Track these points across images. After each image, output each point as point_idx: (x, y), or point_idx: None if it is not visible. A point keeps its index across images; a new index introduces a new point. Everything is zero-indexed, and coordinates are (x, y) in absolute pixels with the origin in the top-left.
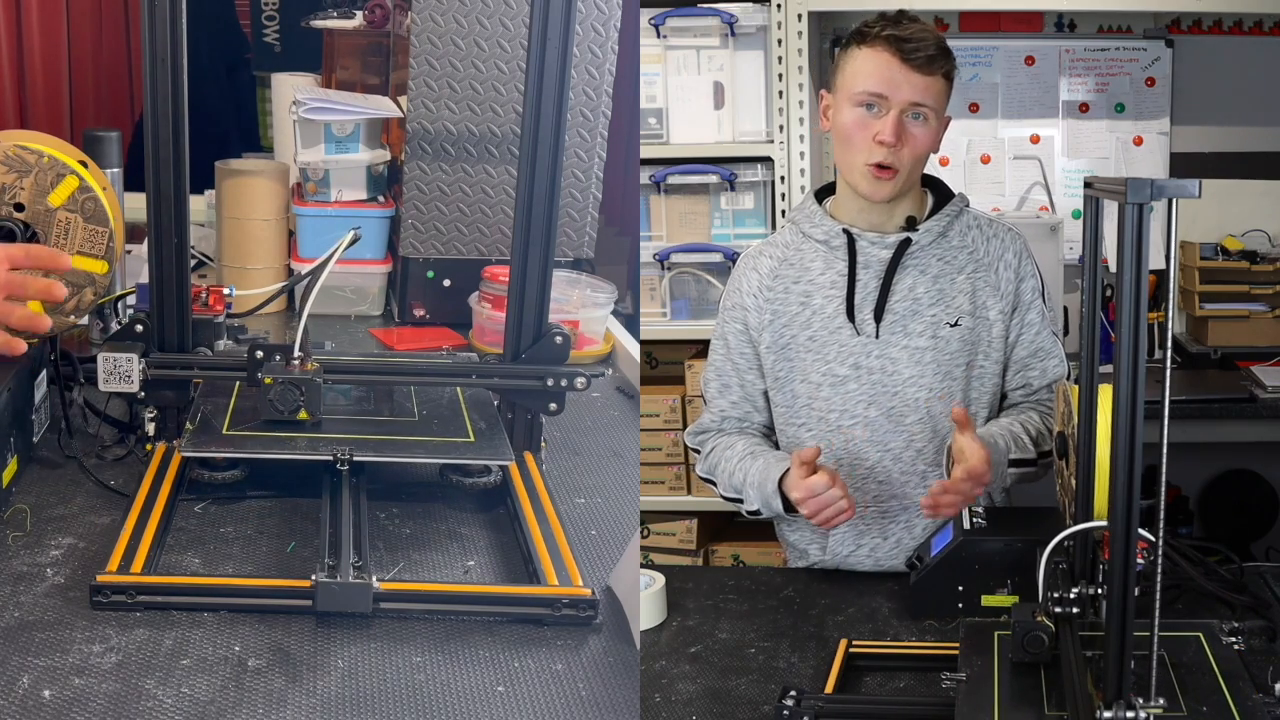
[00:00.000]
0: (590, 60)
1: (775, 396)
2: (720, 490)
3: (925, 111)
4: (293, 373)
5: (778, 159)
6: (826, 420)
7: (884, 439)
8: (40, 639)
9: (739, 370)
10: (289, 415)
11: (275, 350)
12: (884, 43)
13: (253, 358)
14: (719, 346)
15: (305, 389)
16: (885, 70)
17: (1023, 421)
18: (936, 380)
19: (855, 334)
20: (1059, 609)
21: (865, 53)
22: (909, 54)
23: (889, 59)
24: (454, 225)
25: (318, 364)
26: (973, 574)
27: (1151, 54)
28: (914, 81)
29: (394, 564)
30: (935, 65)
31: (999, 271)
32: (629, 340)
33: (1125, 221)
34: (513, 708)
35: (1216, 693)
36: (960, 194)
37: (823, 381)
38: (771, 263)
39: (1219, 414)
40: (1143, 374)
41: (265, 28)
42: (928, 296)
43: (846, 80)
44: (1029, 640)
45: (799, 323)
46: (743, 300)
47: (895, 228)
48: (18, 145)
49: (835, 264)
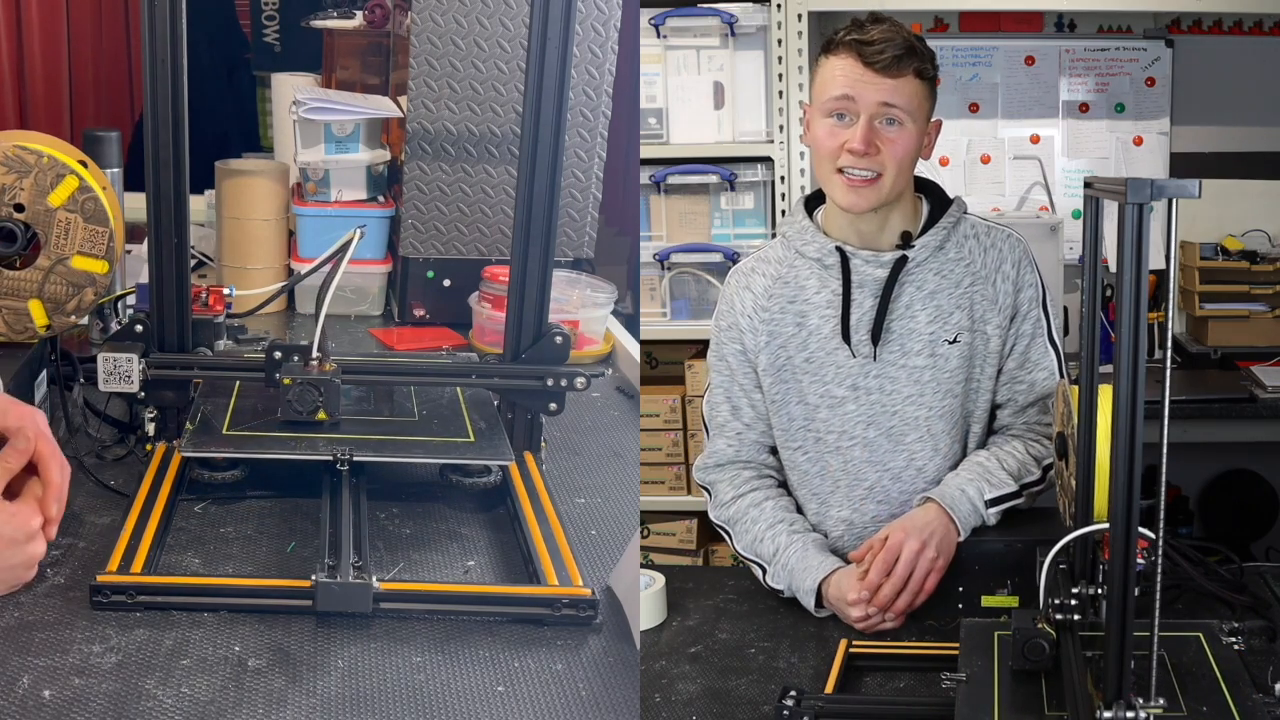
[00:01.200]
0: (590, 60)
1: (773, 419)
2: (736, 546)
3: (897, 114)
4: (311, 373)
5: (778, 159)
6: (825, 441)
7: (883, 459)
8: (40, 639)
9: (746, 391)
10: (308, 416)
11: (293, 351)
12: (847, 48)
13: (271, 358)
14: (721, 369)
15: (324, 389)
16: (850, 76)
17: (999, 456)
18: (936, 399)
19: (852, 355)
20: (1060, 615)
21: (832, 61)
22: (871, 57)
23: (852, 64)
24: (454, 225)
25: (335, 365)
26: (973, 574)
27: (1151, 54)
28: (879, 85)
29: (394, 564)
30: (902, 66)
31: (997, 284)
32: (629, 340)
33: (1125, 221)
34: (513, 708)
35: (1216, 693)
36: (957, 199)
37: (820, 403)
38: (765, 281)
39: (1219, 414)
40: (1143, 374)
41: (265, 28)
42: (925, 314)
43: (817, 91)
44: (1029, 648)
45: (795, 344)
46: (738, 321)
47: (889, 243)
48: (17, 146)
49: (830, 283)
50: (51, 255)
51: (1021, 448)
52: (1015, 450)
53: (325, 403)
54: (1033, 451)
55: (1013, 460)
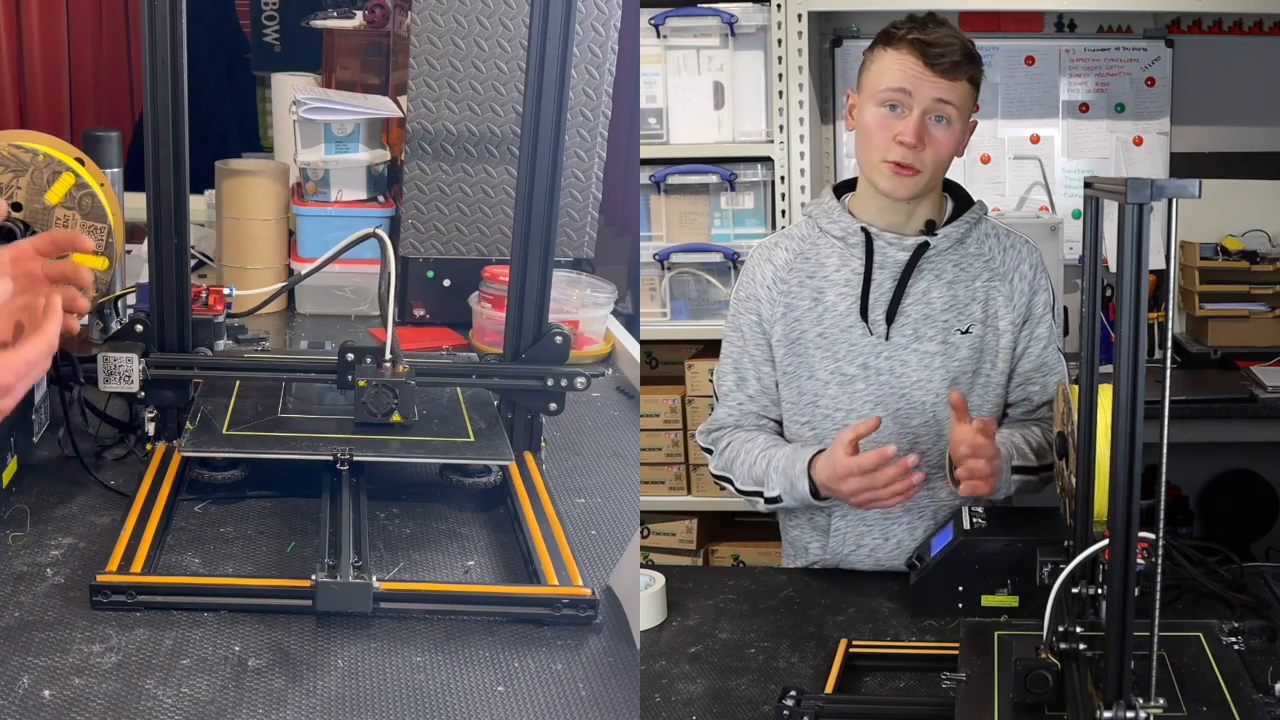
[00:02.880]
0: (590, 60)
1: (783, 391)
2: (737, 484)
3: (949, 112)
4: (385, 375)
5: (777, 159)
6: (832, 418)
7: (888, 441)
8: (40, 639)
9: (755, 362)
10: (382, 418)
11: (366, 353)
12: (909, 46)
13: (343, 360)
14: (734, 339)
15: (399, 391)
16: (910, 72)
17: (1024, 434)
18: (944, 385)
19: (866, 333)
20: (1065, 644)
21: (891, 54)
22: (934, 59)
23: (913, 61)
24: (454, 225)
25: (408, 367)
26: (973, 574)
27: (1151, 54)
28: (937, 84)
29: (394, 564)
30: (960, 70)
31: (1014, 283)
32: (629, 340)
33: (1125, 221)
34: (513, 708)
35: (1217, 692)
36: (980, 201)
37: (830, 379)
38: (786, 255)
39: (1219, 414)
40: (1143, 374)
41: (265, 28)
42: (941, 302)
43: (871, 80)
44: (1032, 679)
45: (810, 318)
46: (756, 291)
47: (914, 230)
48: (12, 145)
49: (851, 261)
50: None
51: (1039, 432)
52: (1034, 434)
53: (400, 405)
54: (1049, 438)
55: (1035, 439)
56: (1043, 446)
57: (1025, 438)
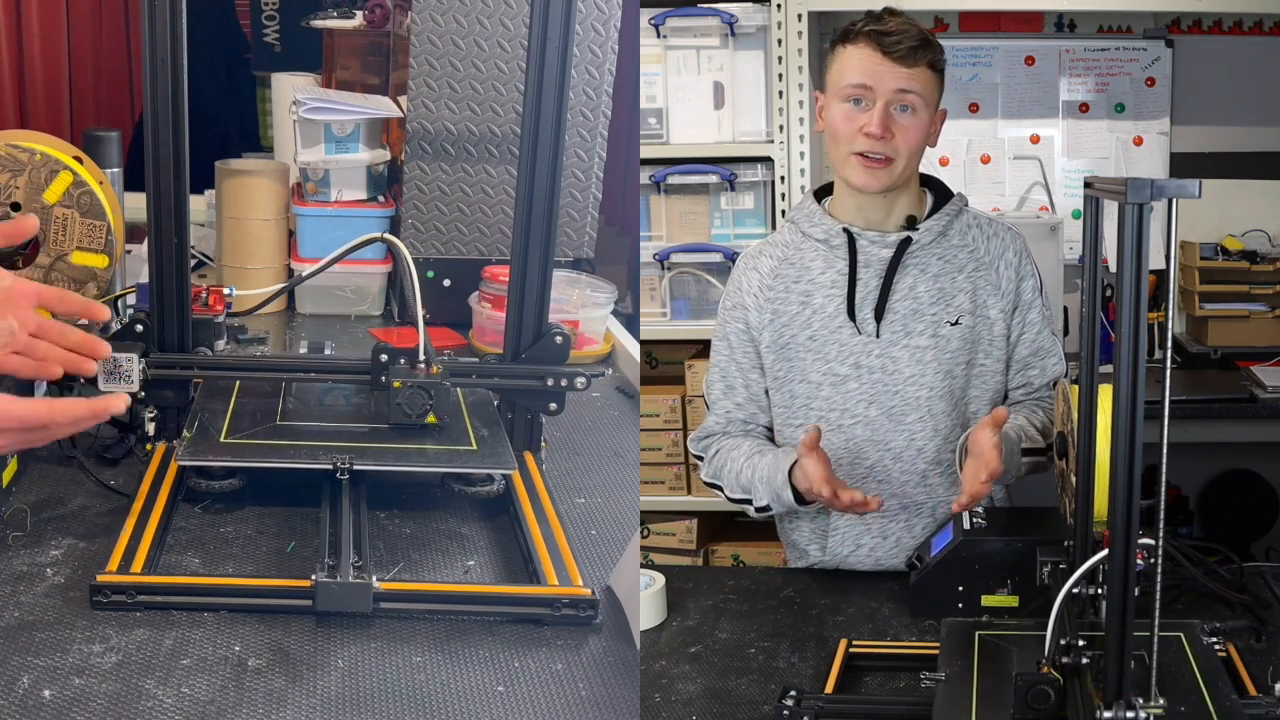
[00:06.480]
0: (590, 60)
1: (775, 396)
2: (727, 492)
3: (912, 100)
4: (420, 376)
5: (778, 159)
6: (826, 419)
7: (884, 438)
8: (40, 639)
9: (743, 370)
10: (417, 419)
11: (400, 354)
12: (866, 38)
13: (377, 361)
14: (721, 348)
15: (434, 393)
16: (868, 65)
17: (1027, 416)
18: (938, 379)
19: (856, 333)
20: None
21: (849, 50)
22: (890, 47)
23: (871, 53)
24: (454, 225)
25: (441, 368)
26: (973, 574)
27: (1151, 54)
28: (896, 73)
29: (394, 564)
30: (918, 56)
31: (999, 270)
32: (629, 340)
33: (1125, 221)
34: (513, 708)
35: (1195, 692)
36: (959, 194)
37: (823, 381)
38: (771, 262)
39: (1219, 414)
40: (1143, 374)
41: (265, 28)
42: (928, 295)
43: (834, 78)
44: (1034, 695)
45: (799, 322)
46: (743, 300)
47: (895, 227)
48: (9, 144)
49: (835, 263)
50: (51, 252)
51: (1042, 413)
52: (1038, 416)
53: (435, 406)
54: (1051, 417)
55: (1039, 420)
56: (1046, 427)
57: (1029, 419)
